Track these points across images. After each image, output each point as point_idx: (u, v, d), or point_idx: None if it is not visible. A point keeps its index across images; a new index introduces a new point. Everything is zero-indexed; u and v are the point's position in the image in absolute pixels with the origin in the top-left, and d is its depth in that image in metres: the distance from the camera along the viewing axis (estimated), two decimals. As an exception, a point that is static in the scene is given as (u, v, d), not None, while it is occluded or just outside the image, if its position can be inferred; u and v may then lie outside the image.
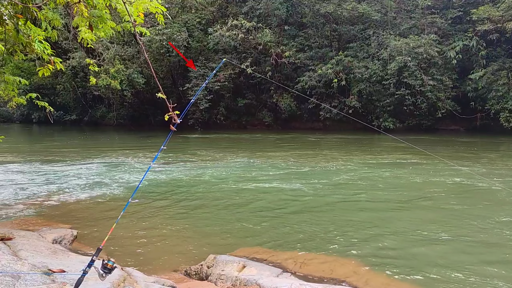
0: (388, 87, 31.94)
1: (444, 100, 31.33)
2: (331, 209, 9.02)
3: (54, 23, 6.20)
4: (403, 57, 30.20)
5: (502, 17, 28.45)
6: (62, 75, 38.98)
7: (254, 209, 9.09)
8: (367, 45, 34.03)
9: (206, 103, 33.16)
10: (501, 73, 29.05)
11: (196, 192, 10.84)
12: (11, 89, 6.96)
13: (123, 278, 4.47)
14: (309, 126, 35.64)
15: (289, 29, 35.94)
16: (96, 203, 9.48)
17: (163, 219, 8.27)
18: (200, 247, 6.61)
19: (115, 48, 32.15)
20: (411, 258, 6.08)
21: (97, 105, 46.05)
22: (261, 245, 6.62)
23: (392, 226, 7.68)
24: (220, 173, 13.52)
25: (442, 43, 31.71)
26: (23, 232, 6.22)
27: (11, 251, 5.00)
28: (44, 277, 4.10)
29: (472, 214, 8.51)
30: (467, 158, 16.99)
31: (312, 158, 17.18)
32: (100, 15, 5.37)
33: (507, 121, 28.52)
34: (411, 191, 10.84)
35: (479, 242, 6.80)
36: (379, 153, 18.92)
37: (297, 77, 34.56)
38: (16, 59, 6.34)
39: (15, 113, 56.18)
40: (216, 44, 34.52)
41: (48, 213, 8.49)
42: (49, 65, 5.69)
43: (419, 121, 32.81)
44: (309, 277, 5.29)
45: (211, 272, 5.32)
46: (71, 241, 6.54)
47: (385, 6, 34.29)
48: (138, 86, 34.54)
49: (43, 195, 10.16)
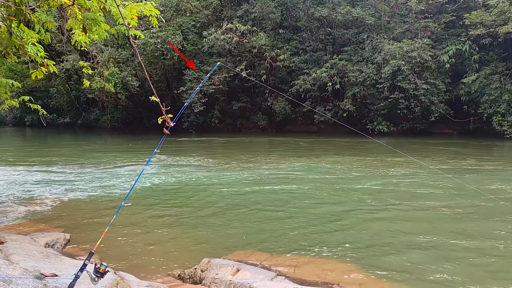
0: (382, 91, 32.08)
1: (438, 104, 31.50)
2: (325, 213, 9.02)
3: (48, 25, 6.18)
4: (397, 61, 30.36)
5: (494, 21, 28.70)
6: (56, 78, 38.77)
7: (248, 212, 9.07)
8: (361, 49, 34.19)
9: (200, 106, 33.13)
10: (494, 77, 29.27)
11: (190, 195, 10.81)
12: (4, 92, 6.92)
13: (116, 282, 4.44)
14: (303, 129, 35.69)
15: (283, 33, 36.02)
16: (89, 206, 9.42)
17: (157, 222, 8.24)
18: (194, 250, 6.59)
19: (109, 51, 32.05)
20: (406, 262, 6.09)
21: (91, 108, 45.82)
22: (255, 248, 6.60)
23: (387, 230, 7.69)
24: (214, 176, 13.50)
25: (435, 47, 31.92)
26: (15, 236, 6.16)
27: (3, 255, 4.95)
28: (36, 282, 4.07)
29: (470, 218, 8.56)
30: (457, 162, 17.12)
31: (307, 160, 17.19)
32: (94, 18, 5.36)
33: (499, 124, 28.72)
34: (404, 196, 10.87)
35: (474, 247, 6.83)
36: (369, 156, 18.97)
37: (291, 81, 34.63)
38: (9, 62, 6.31)
39: (8, 116, 55.82)
40: (211, 47, 34.52)
41: (40, 217, 8.43)
42: (42, 68, 5.66)
43: (413, 125, 32.96)
44: (303, 281, 5.29)
45: (205, 276, 5.30)
46: (64, 245, 6.49)
47: (379, 10, 34.49)
48: (132, 89, 34.43)
49: (36, 199, 10.09)
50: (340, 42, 35.91)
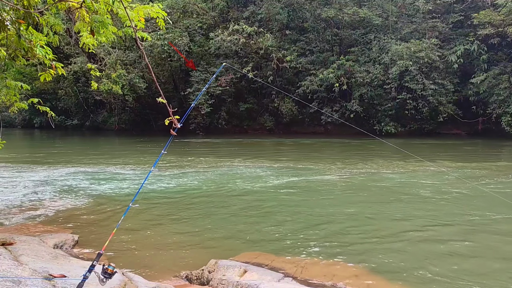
0: (390, 91, 31.95)
1: (446, 104, 31.30)
2: (331, 215, 8.98)
3: (56, 28, 6.24)
4: (404, 61, 30.22)
5: (503, 21, 28.47)
6: (64, 80, 39.07)
7: (255, 214, 9.07)
8: (369, 49, 34.07)
9: (207, 107, 33.21)
10: (503, 77, 29.03)
11: (197, 197, 10.83)
12: (13, 94, 6.98)
13: (123, 283, 4.46)
14: (310, 131, 35.62)
15: (290, 34, 36.01)
16: (97, 208, 9.47)
17: (164, 223, 8.26)
18: (201, 252, 6.59)
19: (117, 53, 32.25)
20: (414, 262, 6.04)
21: (98, 110, 46.15)
22: (262, 250, 6.59)
23: (395, 232, 7.63)
24: (221, 178, 13.51)
25: (443, 47, 31.73)
26: (24, 237, 6.21)
27: (12, 256, 4.99)
28: (44, 282, 4.09)
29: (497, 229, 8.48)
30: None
31: (313, 163, 17.14)
32: (102, 20, 5.38)
33: (508, 125, 28.47)
34: (413, 197, 10.80)
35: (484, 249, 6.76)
36: (376, 158, 18.88)
37: (298, 82, 34.59)
38: (18, 64, 6.36)
39: (17, 118, 56.34)
40: (217, 49, 34.59)
41: (49, 218, 8.49)
42: (50, 70, 5.69)
43: (421, 125, 32.77)
44: (310, 282, 5.27)
45: (212, 277, 5.30)
46: (72, 246, 6.53)
47: (386, 11, 34.36)
48: (139, 91, 34.60)
49: (44, 200, 10.16)
50: (347, 42, 35.82)
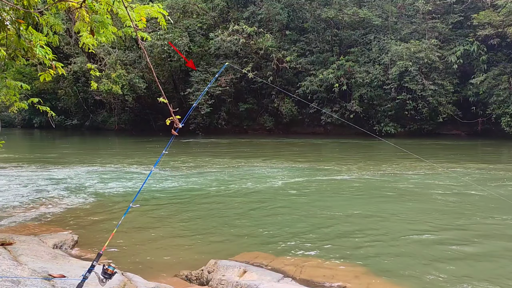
0: (389, 92, 31.95)
1: (445, 105, 31.30)
2: (332, 215, 8.98)
3: (56, 28, 6.23)
4: (404, 62, 30.21)
5: (502, 22, 28.47)
6: (64, 80, 39.05)
7: (254, 214, 9.06)
8: (368, 50, 34.07)
9: (207, 107, 33.21)
10: (502, 78, 29.02)
11: (197, 197, 10.82)
12: (13, 94, 6.96)
13: (123, 283, 4.46)
14: (310, 131, 35.62)
15: (290, 34, 36.00)
16: (97, 208, 9.46)
17: (164, 224, 8.25)
18: (200, 252, 6.59)
19: (117, 53, 32.23)
20: (415, 263, 6.03)
21: (98, 110, 46.14)
22: (262, 250, 6.59)
23: (396, 232, 7.62)
24: (221, 178, 13.50)
25: (443, 48, 31.72)
26: (24, 237, 6.21)
27: (12, 256, 4.99)
28: (44, 282, 4.09)
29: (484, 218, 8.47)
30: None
31: (314, 163, 17.14)
32: (102, 20, 5.38)
33: (508, 125, 28.45)
34: (416, 199, 10.80)
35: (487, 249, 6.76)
36: (377, 159, 18.89)
37: (298, 82, 34.59)
38: (17, 64, 6.35)
39: (16, 118, 56.35)
40: (217, 49, 34.58)
41: (48, 218, 8.48)
42: (50, 70, 5.69)
43: (420, 126, 32.77)
44: (310, 282, 5.26)
45: (212, 277, 5.30)
46: (72, 246, 6.53)
47: (386, 11, 34.36)
48: (139, 91, 34.59)
49: (44, 200, 10.15)
50: (346, 43, 35.83)
